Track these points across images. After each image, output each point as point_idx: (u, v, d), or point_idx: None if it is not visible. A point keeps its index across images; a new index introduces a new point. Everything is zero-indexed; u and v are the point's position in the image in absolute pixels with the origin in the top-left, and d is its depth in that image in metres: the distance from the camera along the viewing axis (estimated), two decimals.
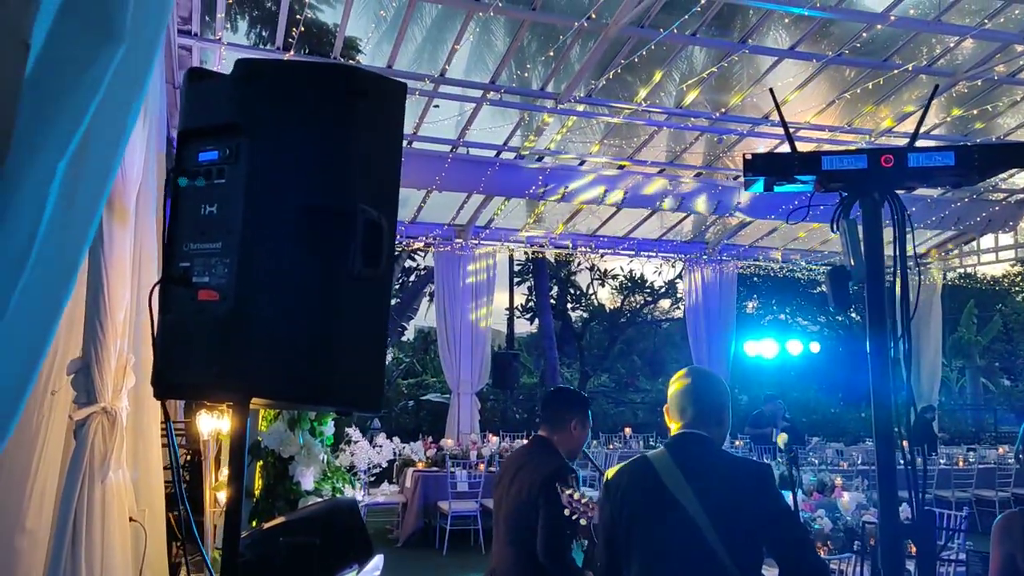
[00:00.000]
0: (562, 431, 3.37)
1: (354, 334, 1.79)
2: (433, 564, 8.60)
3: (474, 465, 9.76)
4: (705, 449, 2.51)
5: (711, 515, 2.34)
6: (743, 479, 2.46)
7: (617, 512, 2.52)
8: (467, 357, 12.60)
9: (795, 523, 2.48)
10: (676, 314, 26.20)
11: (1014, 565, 2.58)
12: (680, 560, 2.38)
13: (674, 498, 2.39)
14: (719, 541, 2.32)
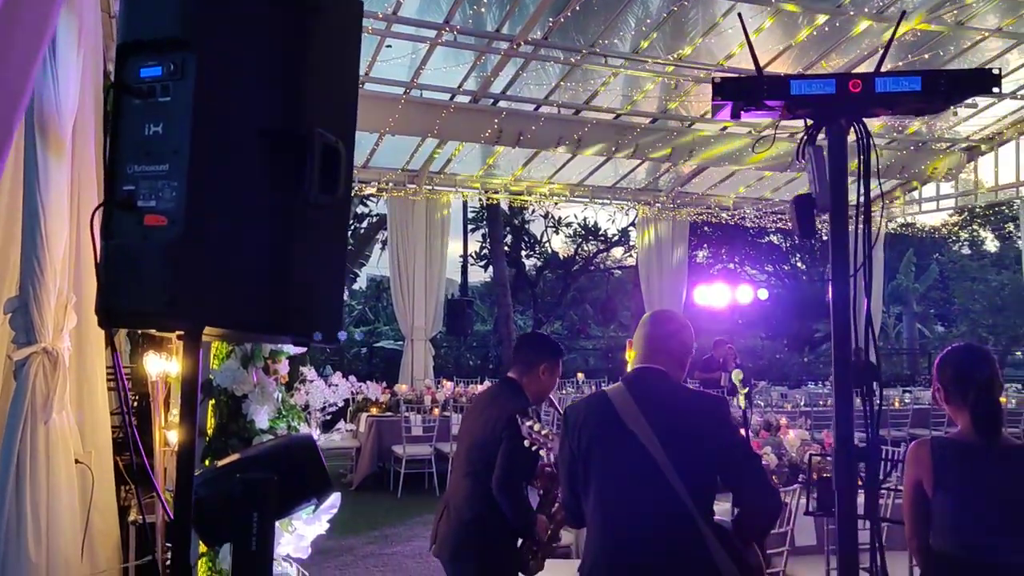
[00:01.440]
0: (531, 374, 3.40)
1: (312, 262, 1.73)
2: (387, 507, 8.65)
3: (428, 410, 9.78)
4: (662, 383, 2.53)
5: (666, 447, 2.37)
6: (699, 412, 2.49)
7: (575, 446, 2.53)
8: (420, 303, 12.54)
9: (749, 454, 2.52)
10: (628, 262, 26.40)
11: (921, 489, 2.69)
12: (635, 491, 2.41)
13: (629, 430, 2.41)
14: (674, 472, 2.35)
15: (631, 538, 2.40)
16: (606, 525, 2.45)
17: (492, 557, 3.19)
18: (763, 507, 2.50)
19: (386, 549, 7.05)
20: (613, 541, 2.42)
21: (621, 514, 2.43)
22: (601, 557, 2.43)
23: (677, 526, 2.35)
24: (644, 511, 2.39)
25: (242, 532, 1.73)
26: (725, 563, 2.33)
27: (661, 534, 2.37)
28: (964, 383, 2.72)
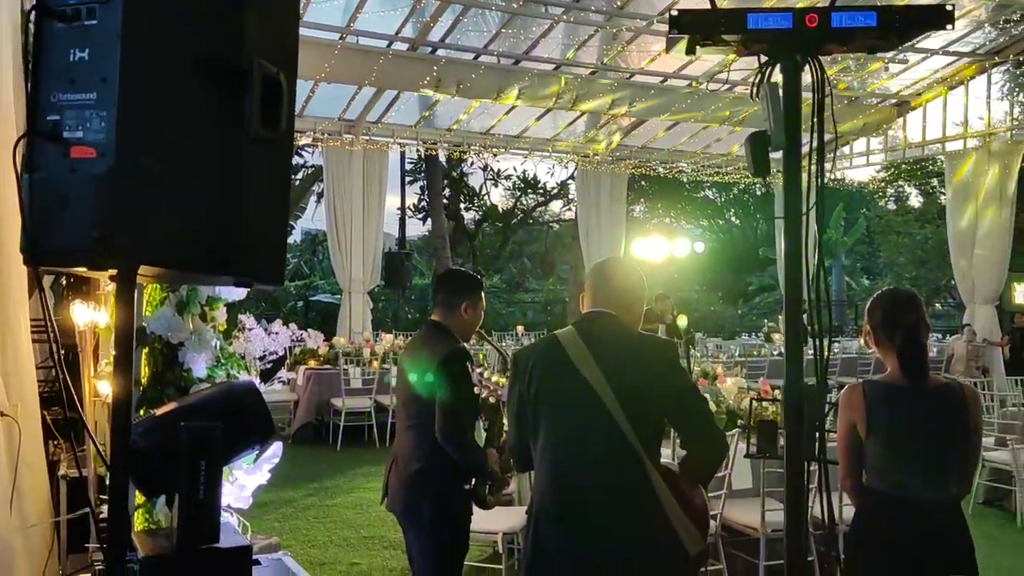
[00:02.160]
0: (454, 314, 3.33)
1: (254, 200, 1.65)
2: (327, 459, 8.61)
3: (367, 362, 9.71)
4: (612, 327, 2.53)
5: (616, 390, 2.37)
6: (649, 356, 2.50)
7: (525, 389, 2.52)
8: (358, 255, 12.37)
9: (698, 397, 2.54)
10: (567, 216, 26.47)
11: (855, 432, 2.77)
12: (584, 434, 2.42)
13: (580, 373, 2.40)
14: (623, 415, 2.35)
15: (579, 481, 2.40)
16: (555, 468, 2.45)
17: (446, 503, 3.18)
18: (710, 450, 2.53)
19: (327, 501, 7.02)
20: (561, 484, 2.42)
21: (569, 457, 2.43)
22: (549, 500, 2.44)
23: (625, 469, 2.36)
24: (592, 454, 2.40)
25: (189, 481, 1.67)
26: (671, 504, 2.36)
27: (609, 477, 2.38)
28: (892, 327, 2.80)
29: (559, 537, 2.39)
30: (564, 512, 2.40)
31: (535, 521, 2.46)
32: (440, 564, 3.23)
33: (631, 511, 2.35)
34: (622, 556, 2.29)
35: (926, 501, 2.69)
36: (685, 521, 2.37)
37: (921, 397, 2.74)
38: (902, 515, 2.68)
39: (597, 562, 2.33)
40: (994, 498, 6.73)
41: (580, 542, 2.36)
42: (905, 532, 2.65)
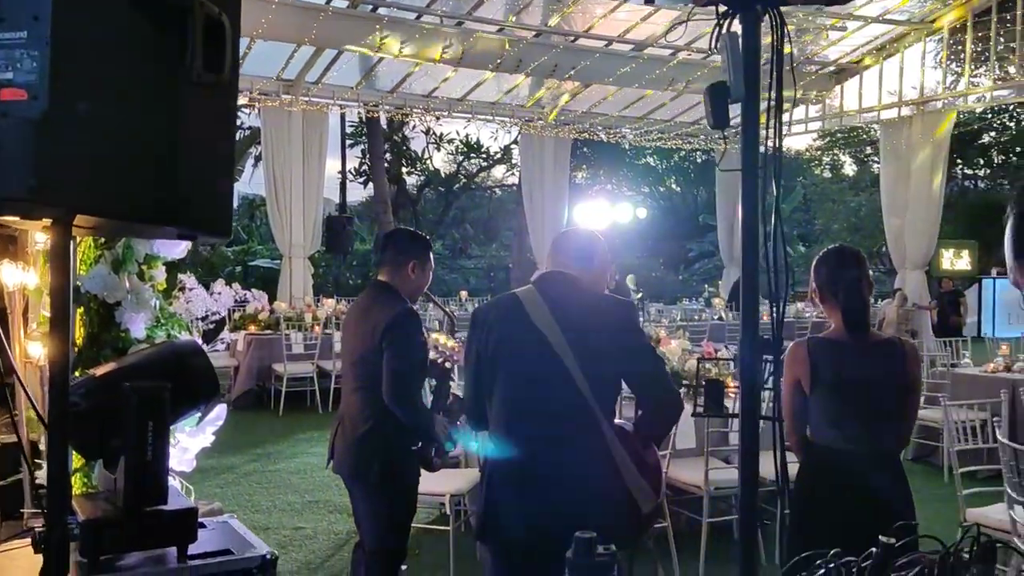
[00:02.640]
0: (401, 274, 3.27)
1: (198, 148, 1.58)
2: (268, 425, 8.50)
3: (309, 327, 9.58)
4: (572, 287, 2.50)
5: (574, 349, 2.36)
6: (608, 316, 2.48)
7: (483, 346, 2.49)
8: (298, 220, 12.13)
9: (655, 358, 2.55)
10: (510, 181, 26.39)
11: (799, 388, 2.84)
12: (540, 392, 2.41)
13: (539, 332, 2.39)
14: (580, 374, 2.35)
15: (534, 439, 2.40)
16: (510, 425, 2.44)
17: (394, 465, 3.15)
18: (666, 410, 2.55)
19: (269, 466, 6.94)
20: (516, 441, 2.42)
21: (525, 415, 2.42)
22: (504, 458, 2.42)
23: (581, 427, 2.36)
24: (549, 412, 2.39)
25: (137, 443, 1.61)
26: (625, 463, 2.37)
27: (565, 435, 2.38)
28: (836, 283, 2.85)
29: (512, 494, 2.39)
30: (518, 470, 2.39)
31: (489, 477, 2.45)
32: (388, 526, 3.22)
33: (586, 470, 2.35)
34: (576, 514, 2.28)
35: (867, 453, 2.77)
36: (639, 479, 2.38)
37: (863, 352, 2.81)
38: (845, 467, 2.75)
39: (550, 520, 2.32)
40: (922, 454, 7.01)
41: (533, 500, 2.36)
42: (848, 484, 2.72)
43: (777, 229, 1.66)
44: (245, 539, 2.42)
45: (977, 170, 26.77)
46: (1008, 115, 24.95)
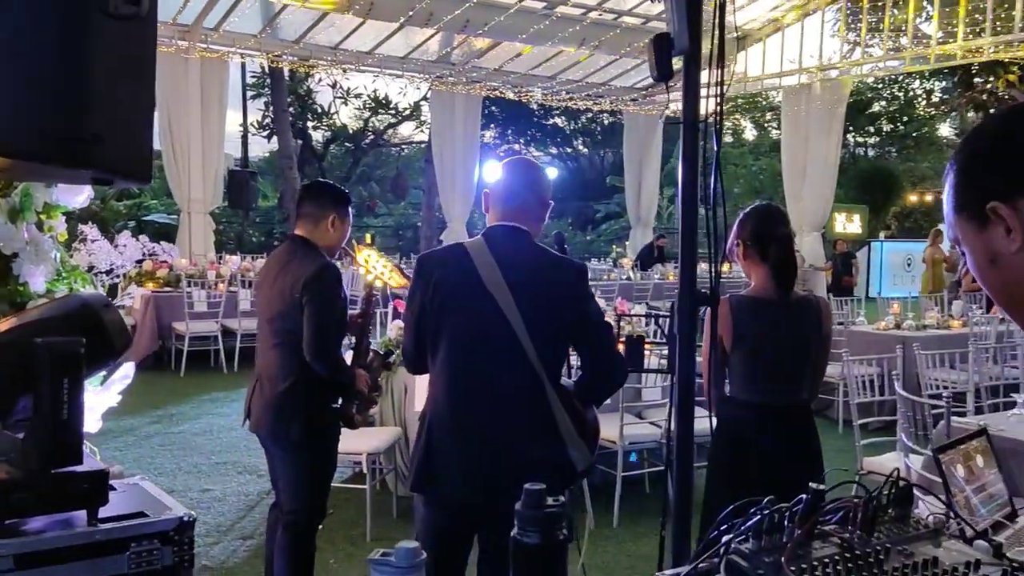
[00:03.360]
0: (319, 229, 3.18)
1: (114, 87, 1.46)
2: (170, 386, 8.20)
3: (213, 285, 9.25)
4: (522, 243, 2.43)
5: (522, 310, 2.31)
6: (558, 277, 2.43)
7: (427, 298, 2.40)
8: (197, 174, 11.65)
9: (603, 323, 2.52)
10: (420, 138, 26.00)
11: (720, 344, 2.90)
12: (485, 352, 2.36)
13: (487, 290, 2.33)
14: (527, 336, 2.31)
15: (477, 395, 2.36)
16: (453, 381, 2.39)
17: (315, 423, 3.07)
18: (610, 376, 2.55)
19: (172, 428, 6.70)
20: (458, 397, 2.38)
21: (469, 371, 2.38)
22: (445, 411, 2.39)
23: (524, 387, 2.34)
24: (493, 370, 2.35)
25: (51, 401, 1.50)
26: (566, 424, 2.36)
27: (508, 394, 2.35)
28: (763, 240, 2.90)
29: (452, 448, 2.36)
30: (459, 424, 2.37)
31: (428, 430, 2.41)
32: (308, 484, 3.15)
33: (527, 429, 2.34)
34: (514, 472, 2.27)
35: (783, 406, 2.86)
36: (578, 440, 2.39)
37: (784, 309, 2.88)
38: (763, 420, 2.84)
39: (487, 476, 2.32)
40: (819, 408, 7.35)
41: (473, 455, 2.34)
42: (765, 436, 2.81)
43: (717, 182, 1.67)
44: (159, 501, 2.32)
45: (867, 138, 27.94)
46: (897, 86, 26.07)
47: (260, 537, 4.21)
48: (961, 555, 1.59)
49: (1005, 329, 7.22)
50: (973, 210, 0.99)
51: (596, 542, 4.31)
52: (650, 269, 13.34)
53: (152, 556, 2.14)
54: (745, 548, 1.52)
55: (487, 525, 2.40)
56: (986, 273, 1.02)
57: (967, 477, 2.14)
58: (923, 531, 1.68)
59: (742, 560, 1.49)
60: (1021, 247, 0.95)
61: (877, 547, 1.56)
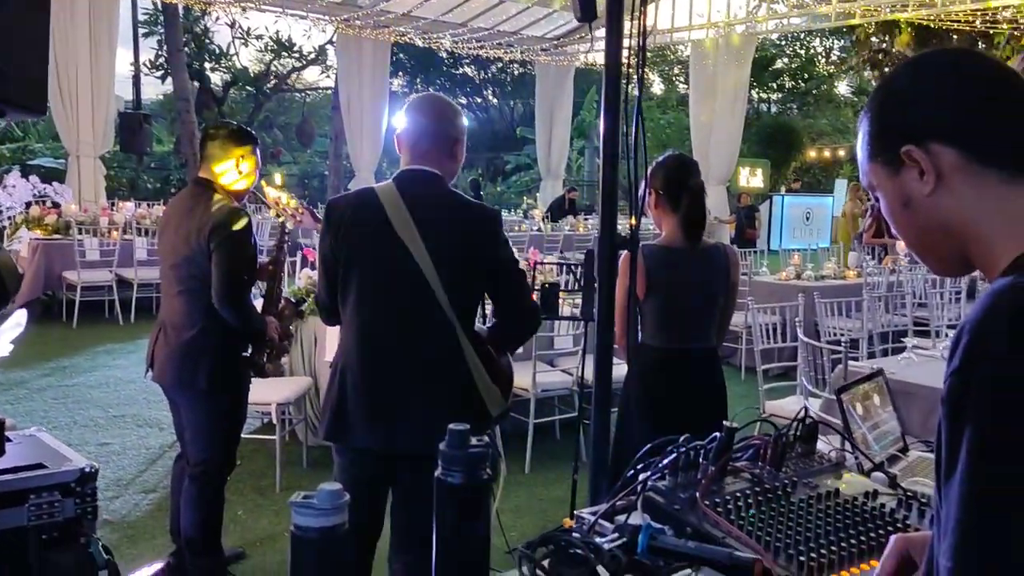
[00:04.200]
0: (225, 171, 3.05)
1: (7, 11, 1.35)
2: (62, 338, 7.83)
3: (105, 233, 8.82)
4: (435, 188, 2.37)
5: (433, 255, 2.27)
6: (472, 224, 2.38)
7: (336, 244, 2.34)
8: (86, 115, 11.01)
9: (517, 269, 2.49)
10: (326, 84, 25.24)
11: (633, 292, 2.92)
12: (395, 298, 2.32)
13: (396, 234, 2.27)
14: (438, 281, 2.27)
15: (388, 341, 2.33)
16: (365, 327, 2.34)
17: (223, 371, 2.98)
18: (524, 324, 2.53)
19: (65, 381, 6.41)
20: (370, 343, 2.33)
21: (380, 317, 2.33)
22: (355, 357, 2.34)
23: (436, 333, 2.31)
24: (404, 316, 2.32)
25: None
26: (479, 370, 2.35)
27: (420, 340, 2.32)
28: (676, 189, 2.93)
29: (363, 394, 2.32)
30: (370, 370, 2.32)
31: (341, 374, 2.36)
32: (216, 435, 3.07)
33: (439, 374, 2.32)
34: (425, 416, 2.26)
35: (692, 351, 2.94)
36: (491, 386, 2.37)
37: (694, 258, 2.94)
38: (673, 366, 2.91)
39: (399, 421, 2.29)
40: (723, 355, 7.60)
41: (384, 402, 2.31)
42: (676, 381, 2.89)
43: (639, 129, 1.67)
44: (59, 452, 2.22)
45: (771, 94, 28.66)
46: (799, 43, 26.76)
47: (163, 490, 4.11)
48: (861, 486, 1.68)
49: (895, 280, 7.59)
50: (887, 155, 1.02)
51: (508, 488, 4.37)
52: (561, 221, 13.42)
53: (53, 508, 2.06)
54: (662, 485, 1.56)
55: (402, 470, 2.39)
56: (899, 217, 1.05)
57: (864, 416, 2.26)
58: (826, 465, 1.77)
59: (659, 497, 1.53)
60: (934, 190, 0.98)
61: (785, 481, 1.63)
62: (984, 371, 0.83)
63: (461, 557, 1.25)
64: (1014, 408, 0.81)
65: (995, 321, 0.85)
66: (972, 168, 0.96)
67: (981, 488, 0.83)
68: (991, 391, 0.83)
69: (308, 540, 1.13)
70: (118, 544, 3.56)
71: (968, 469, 0.84)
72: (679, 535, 1.43)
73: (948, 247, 1.02)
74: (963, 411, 0.84)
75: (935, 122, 0.98)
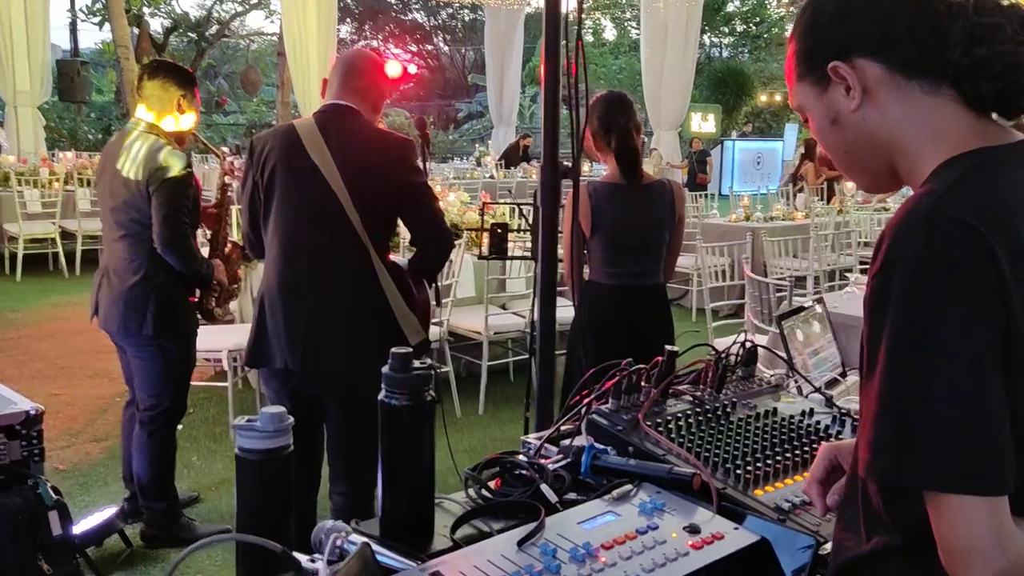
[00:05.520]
0: (164, 112, 2.99)
1: None
2: (5, 291, 7.65)
3: (47, 184, 8.57)
4: (351, 120, 2.44)
5: (347, 182, 2.34)
6: (385, 151, 2.44)
7: (258, 176, 2.43)
8: (22, 64, 10.65)
9: (429, 194, 2.54)
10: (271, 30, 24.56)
11: (579, 229, 2.96)
12: (312, 223, 2.38)
13: (313, 164, 2.35)
14: (354, 210, 2.35)
15: (304, 267, 2.39)
16: (282, 253, 2.41)
17: (170, 315, 2.94)
18: (437, 249, 2.57)
19: (11, 334, 6.28)
20: (287, 268, 2.40)
21: (296, 245, 2.40)
22: (275, 283, 2.41)
23: (351, 260, 2.38)
24: (319, 242, 2.38)
25: None
26: (395, 297, 2.42)
27: (335, 266, 2.39)
28: (607, 130, 2.95)
29: (282, 322, 2.39)
30: (288, 295, 2.40)
31: (260, 301, 2.45)
32: (164, 381, 3.04)
33: (354, 300, 2.39)
34: (342, 338, 2.33)
35: (639, 286, 2.98)
36: (408, 313, 2.45)
37: (638, 194, 2.97)
38: (621, 301, 2.95)
39: (317, 345, 2.36)
40: (674, 297, 7.72)
41: (301, 325, 2.37)
42: (623, 316, 2.93)
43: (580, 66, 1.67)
44: (3, 396, 2.20)
45: (722, 38, 28.63)
46: None
47: (115, 439, 4.07)
48: (797, 405, 1.74)
49: (842, 220, 7.74)
50: (815, 74, 1.04)
51: (463, 429, 4.42)
52: (515, 168, 13.38)
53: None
54: (605, 408, 1.60)
55: (328, 400, 2.44)
56: (827, 135, 1.07)
57: (805, 343, 2.33)
58: (766, 388, 1.82)
59: (602, 419, 1.57)
60: (860, 104, 1.01)
61: (725, 402, 1.68)
62: (904, 269, 0.87)
63: (406, 479, 1.27)
64: (929, 298, 0.85)
65: (911, 224, 0.89)
66: (896, 81, 0.98)
67: (897, 378, 0.87)
68: (909, 286, 0.86)
69: (251, 462, 1.15)
70: (70, 491, 3.53)
71: (886, 361, 0.88)
72: (622, 455, 1.48)
73: (876, 162, 1.05)
74: (884, 308, 0.88)
75: (860, 37, 1.00)
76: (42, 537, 2.01)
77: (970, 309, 0.85)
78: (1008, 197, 0.92)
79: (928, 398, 0.85)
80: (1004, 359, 0.86)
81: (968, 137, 0.97)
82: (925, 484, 0.87)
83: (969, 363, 0.84)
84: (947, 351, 0.84)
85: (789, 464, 1.47)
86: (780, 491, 1.39)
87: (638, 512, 1.29)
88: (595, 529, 1.24)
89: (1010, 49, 0.95)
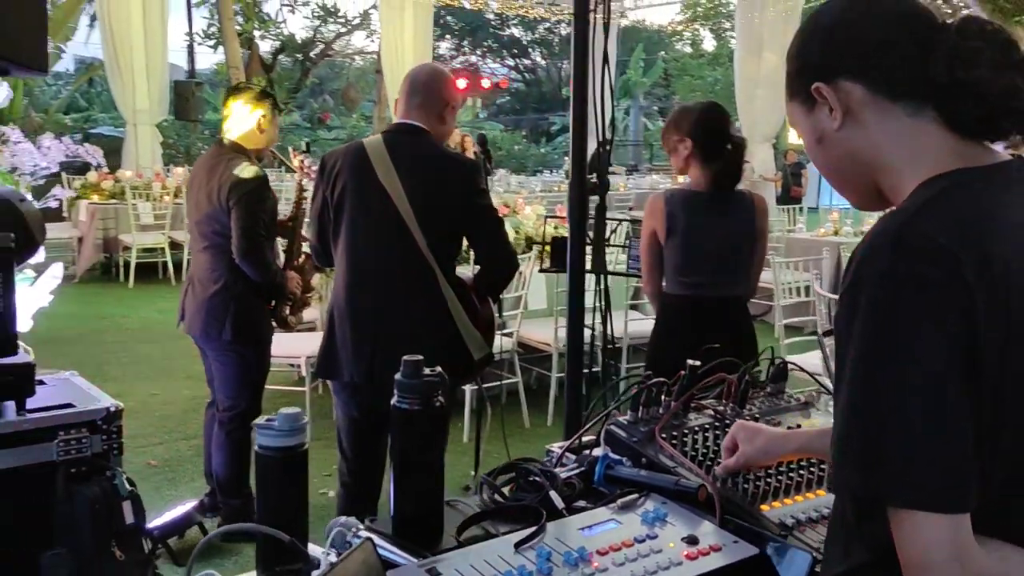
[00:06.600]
0: (247, 128, 3.19)
1: None
2: (118, 297, 8.19)
3: (159, 197, 9.13)
4: (419, 140, 2.53)
5: (413, 202, 2.43)
6: (451, 173, 2.53)
7: (328, 193, 2.54)
8: (142, 85, 11.30)
9: (493, 216, 2.62)
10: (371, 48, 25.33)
11: (655, 238, 2.94)
12: (379, 241, 2.49)
13: (381, 186, 2.44)
14: (418, 228, 2.44)
15: (372, 284, 2.50)
16: (350, 271, 2.52)
17: (246, 322, 3.14)
18: (502, 267, 2.64)
19: (120, 337, 6.73)
20: (355, 285, 2.51)
21: (364, 262, 2.51)
22: (343, 299, 2.53)
23: (417, 277, 2.47)
24: (386, 260, 2.48)
25: None
26: (459, 314, 2.50)
27: (401, 283, 2.48)
28: (720, 140, 2.86)
29: (349, 334, 2.51)
30: (355, 310, 2.51)
31: (330, 315, 2.57)
32: (240, 384, 3.24)
33: (420, 316, 2.48)
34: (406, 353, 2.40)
35: (718, 299, 2.89)
36: (472, 329, 2.52)
37: (717, 203, 2.89)
38: (697, 313, 2.88)
39: (383, 360, 2.44)
40: (759, 313, 7.57)
41: (367, 340, 2.48)
42: (694, 325, 2.84)
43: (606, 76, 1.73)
44: (88, 393, 2.39)
45: None
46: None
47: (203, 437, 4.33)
48: (822, 423, 1.74)
49: None
50: (803, 95, 1.07)
51: (530, 439, 4.48)
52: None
53: (81, 444, 2.22)
54: (624, 420, 1.65)
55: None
56: (816, 153, 1.10)
57: None
58: (794, 404, 1.83)
59: (619, 430, 1.62)
60: (842, 124, 1.04)
61: (747, 417, 1.70)
62: (871, 286, 0.89)
63: (416, 480, 1.35)
64: (895, 315, 0.87)
65: (880, 243, 0.91)
66: (879, 103, 1.01)
67: (863, 394, 0.89)
68: (876, 303, 0.88)
69: (269, 458, 1.26)
70: (159, 485, 3.79)
71: (851, 377, 0.90)
72: (636, 466, 1.52)
73: (860, 181, 1.07)
74: (851, 326, 0.90)
75: (843, 60, 1.03)
76: (116, 525, 2.17)
77: (936, 327, 0.86)
78: (985, 217, 0.93)
79: (892, 415, 0.87)
80: (969, 378, 0.86)
81: (949, 158, 0.98)
82: (888, 499, 0.88)
83: (933, 381, 0.85)
84: (911, 368, 0.86)
85: (801, 481, 1.48)
86: (788, 507, 1.40)
87: (640, 521, 1.33)
88: (594, 536, 1.28)
89: (987, 74, 0.97)
